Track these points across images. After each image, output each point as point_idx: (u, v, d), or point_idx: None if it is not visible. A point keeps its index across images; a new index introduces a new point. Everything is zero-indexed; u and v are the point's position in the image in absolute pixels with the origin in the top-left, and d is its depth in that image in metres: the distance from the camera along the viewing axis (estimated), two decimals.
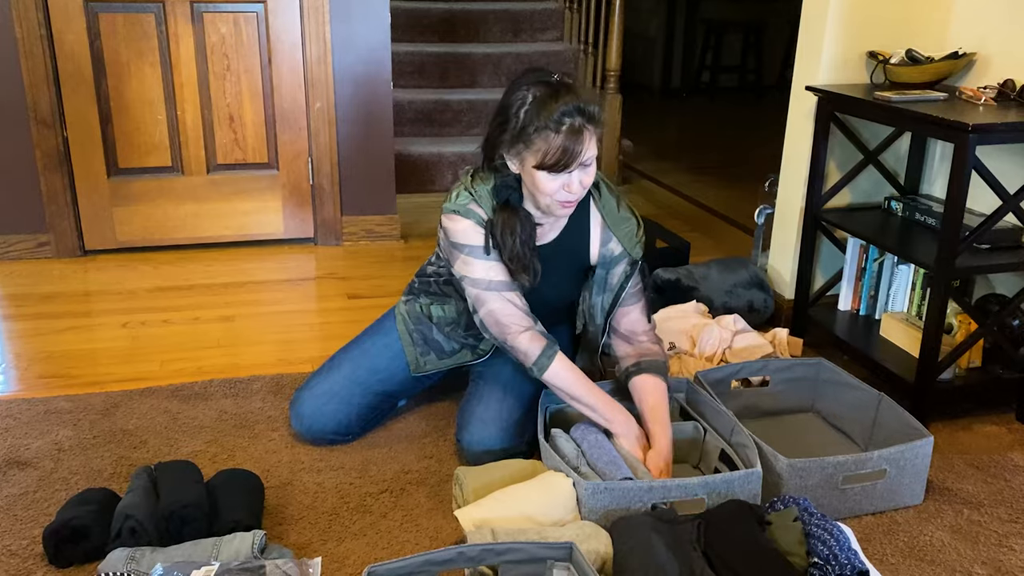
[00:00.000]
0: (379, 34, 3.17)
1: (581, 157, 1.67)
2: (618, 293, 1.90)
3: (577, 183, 1.70)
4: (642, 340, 1.94)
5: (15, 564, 1.59)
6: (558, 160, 1.65)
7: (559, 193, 1.70)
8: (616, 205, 1.88)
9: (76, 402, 2.16)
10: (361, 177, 3.32)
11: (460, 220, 1.80)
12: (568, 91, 1.66)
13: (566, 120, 1.63)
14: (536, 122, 1.64)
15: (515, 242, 1.78)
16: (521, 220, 1.79)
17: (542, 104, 1.65)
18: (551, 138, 1.64)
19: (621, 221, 1.87)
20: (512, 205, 1.79)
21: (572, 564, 1.44)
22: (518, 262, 1.80)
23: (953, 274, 2.03)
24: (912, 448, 1.79)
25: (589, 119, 1.66)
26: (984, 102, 2.17)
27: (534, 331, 1.82)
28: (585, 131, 1.66)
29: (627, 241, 1.87)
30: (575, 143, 1.64)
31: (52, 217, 3.09)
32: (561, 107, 1.64)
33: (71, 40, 2.95)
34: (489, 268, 1.81)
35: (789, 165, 2.67)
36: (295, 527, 1.72)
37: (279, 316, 2.73)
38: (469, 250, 1.81)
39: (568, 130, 1.63)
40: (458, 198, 1.80)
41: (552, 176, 1.68)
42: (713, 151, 5.31)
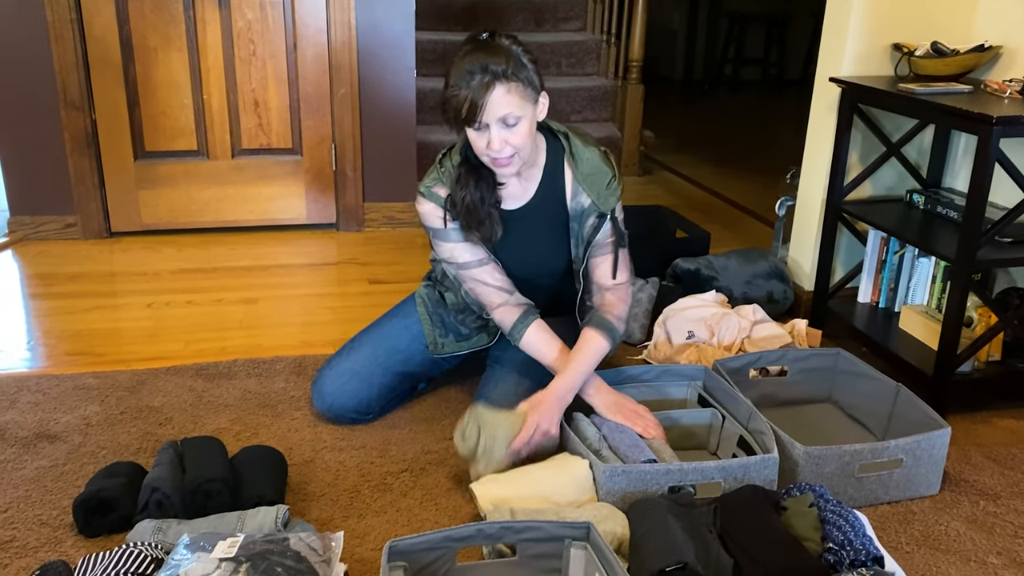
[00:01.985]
0: (403, 21, 3.19)
1: (489, 112, 1.67)
2: (587, 245, 1.91)
3: (498, 140, 1.71)
4: (605, 295, 1.93)
5: (46, 533, 1.63)
6: (467, 114, 1.67)
7: (486, 150, 1.73)
8: (586, 158, 1.87)
9: (103, 379, 2.20)
10: (383, 164, 3.35)
11: (424, 202, 1.87)
12: (484, 48, 1.68)
13: (472, 76, 1.66)
14: (452, 77, 1.68)
15: (468, 195, 1.82)
16: (480, 176, 1.83)
17: (456, 61, 1.69)
18: (460, 93, 1.67)
19: (590, 173, 1.87)
20: (471, 161, 1.82)
21: (589, 543, 1.46)
22: (471, 216, 1.83)
23: (974, 267, 2.03)
24: (929, 438, 1.80)
25: (496, 76, 1.66)
26: (1009, 95, 2.16)
27: (508, 305, 1.88)
28: (494, 87, 1.66)
29: (595, 193, 1.87)
30: (481, 97, 1.66)
31: (80, 199, 3.14)
32: (467, 64, 1.67)
33: (100, 25, 2.99)
34: (454, 248, 1.87)
35: (811, 157, 2.67)
36: (317, 503, 1.75)
37: (301, 299, 2.77)
38: (434, 232, 1.88)
39: (477, 84, 1.65)
40: (427, 179, 1.87)
41: (476, 133, 1.72)
42: (734, 144, 5.30)
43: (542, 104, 1.77)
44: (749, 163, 4.75)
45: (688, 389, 2.07)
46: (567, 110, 4.35)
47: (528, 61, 1.72)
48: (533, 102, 1.74)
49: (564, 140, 1.89)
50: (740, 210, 3.85)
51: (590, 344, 1.87)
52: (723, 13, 7.32)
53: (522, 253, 1.93)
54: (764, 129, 5.74)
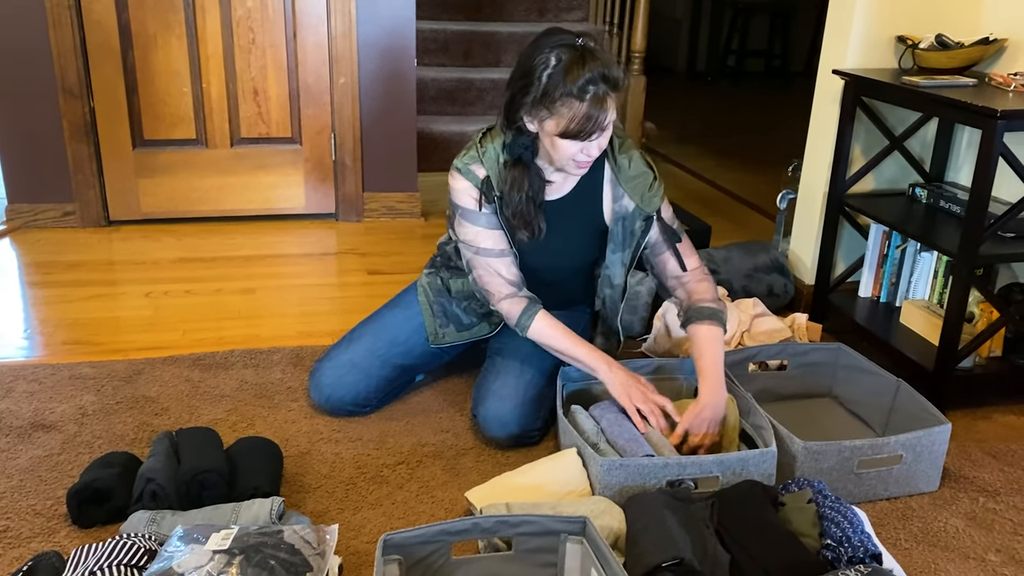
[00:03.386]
0: (404, 10, 3.16)
1: (603, 124, 1.67)
2: (636, 248, 1.90)
3: (596, 146, 1.71)
4: (686, 282, 1.93)
5: (40, 523, 1.63)
6: (582, 128, 1.65)
7: (578, 156, 1.71)
8: (628, 161, 1.86)
9: (100, 368, 2.19)
10: (383, 154, 3.33)
11: (460, 179, 1.84)
12: (592, 57, 1.64)
13: (590, 88, 1.62)
14: (561, 88, 1.63)
15: (521, 198, 1.80)
16: (531, 177, 1.81)
17: (567, 70, 1.63)
18: (575, 106, 1.63)
19: (633, 176, 1.86)
20: (524, 162, 1.80)
21: (585, 538, 1.45)
22: (520, 217, 1.82)
23: (976, 262, 2.02)
24: (929, 434, 1.78)
25: (613, 86, 1.65)
26: (1014, 89, 2.14)
27: (516, 296, 1.86)
28: (608, 98, 1.65)
29: (639, 196, 1.85)
30: (599, 111, 1.64)
31: (78, 187, 3.13)
32: (586, 74, 1.62)
33: (99, 11, 2.97)
34: (478, 233, 1.84)
35: (813, 149, 2.65)
36: (313, 495, 1.74)
37: (300, 289, 2.75)
38: (462, 211, 1.85)
39: (592, 98, 1.63)
40: (464, 156, 1.84)
41: (572, 141, 1.69)
42: (737, 136, 5.27)
43: None
44: (751, 155, 4.73)
45: (685, 383, 2.06)
46: None
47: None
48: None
49: (609, 147, 1.86)
50: (741, 203, 3.84)
51: (707, 337, 1.85)
52: (727, 4, 7.27)
53: (547, 244, 1.90)
54: (767, 121, 5.71)
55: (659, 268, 1.94)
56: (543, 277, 1.96)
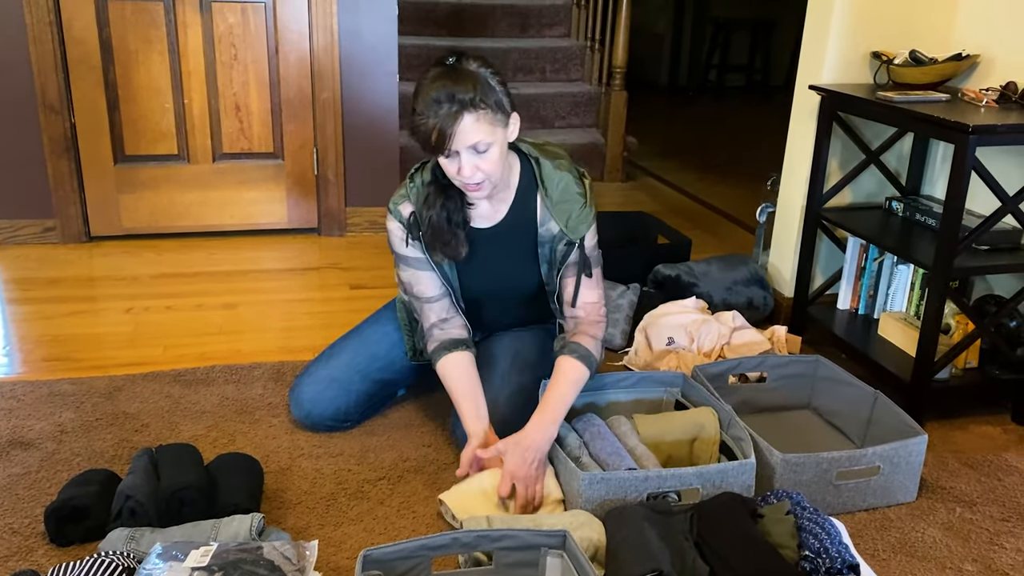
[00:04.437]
0: (386, 26, 3.18)
1: (458, 141, 1.65)
2: (558, 270, 1.89)
3: (468, 167, 1.68)
4: (578, 317, 1.89)
5: (17, 542, 1.62)
6: (436, 143, 1.65)
7: (457, 176, 1.72)
8: (556, 181, 1.85)
9: (79, 385, 2.18)
10: (366, 168, 3.34)
11: (391, 220, 1.87)
12: (449, 76, 1.65)
13: (440, 106, 1.63)
14: (418, 105, 1.66)
15: (435, 215, 1.81)
16: (448, 195, 1.82)
17: (421, 88, 1.66)
18: (428, 122, 1.64)
19: (560, 200, 1.84)
20: (440, 180, 1.82)
21: (565, 551, 1.45)
22: (437, 236, 1.83)
23: (951, 274, 2.04)
24: (906, 446, 1.80)
25: (463, 105, 1.63)
26: (986, 104, 2.18)
27: (437, 338, 1.89)
28: (459, 116, 1.63)
29: (564, 221, 1.84)
30: (448, 126, 1.63)
31: (58, 203, 3.11)
32: (434, 92, 1.63)
33: (80, 27, 2.97)
34: (412, 276, 1.90)
35: (791, 164, 2.68)
36: (293, 511, 1.74)
37: (282, 304, 2.75)
38: (396, 255, 1.91)
39: (445, 115, 1.63)
40: (395, 195, 1.87)
41: (445, 160, 1.70)
42: (718, 150, 5.32)
43: (513, 126, 1.75)
44: (732, 169, 4.77)
45: (666, 395, 2.07)
46: (551, 116, 4.35)
47: (497, 83, 1.69)
48: (503, 125, 1.71)
49: (535, 165, 1.86)
50: (722, 216, 3.87)
51: (567, 375, 1.81)
52: (708, 19, 7.35)
53: (489, 273, 1.91)
54: (748, 135, 5.76)
55: (559, 290, 1.90)
56: (493, 303, 1.98)
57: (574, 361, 1.82)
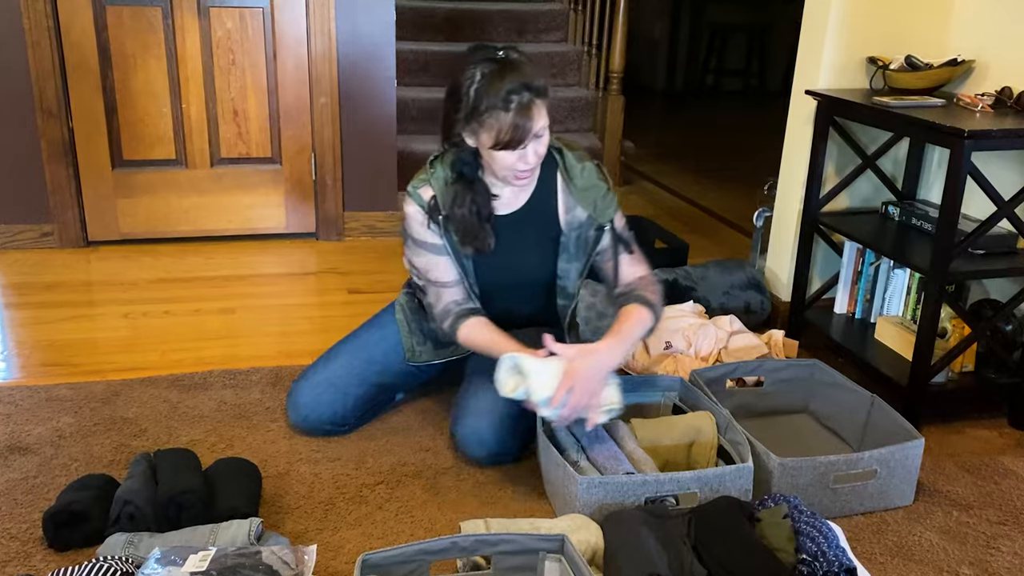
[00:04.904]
0: (384, 31, 3.19)
1: (533, 131, 1.69)
2: (588, 257, 1.92)
3: (532, 154, 1.73)
4: (631, 284, 1.90)
5: (15, 547, 1.62)
6: (511, 138, 1.68)
7: (516, 165, 1.74)
8: (580, 171, 1.88)
9: (77, 390, 2.18)
10: (364, 173, 3.34)
11: (410, 203, 1.87)
12: (513, 68, 1.69)
13: (514, 98, 1.66)
14: (486, 101, 1.67)
15: (465, 212, 1.83)
16: (475, 191, 1.83)
17: (490, 83, 1.67)
18: (502, 116, 1.66)
19: (585, 187, 1.88)
20: (467, 176, 1.83)
21: (564, 555, 1.46)
22: (467, 232, 1.85)
23: (947, 279, 2.05)
24: (903, 449, 1.81)
25: (536, 93, 1.68)
26: (981, 109, 2.19)
27: (452, 312, 1.88)
28: (534, 105, 1.68)
29: (590, 206, 1.87)
30: (525, 119, 1.67)
31: (56, 207, 3.12)
32: (508, 85, 1.66)
33: (78, 32, 2.97)
34: (428, 262, 1.89)
35: (788, 168, 2.69)
36: (291, 516, 1.74)
37: (279, 309, 2.75)
38: (412, 240, 1.90)
39: (517, 107, 1.66)
40: (415, 180, 1.87)
41: (507, 152, 1.72)
42: (714, 154, 5.33)
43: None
44: (729, 174, 4.78)
45: (663, 400, 2.08)
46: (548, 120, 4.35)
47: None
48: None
49: (557, 155, 1.89)
50: (719, 220, 3.87)
51: (633, 314, 1.81)
52: (705, 24, 7.37)
53: (506, 260, 1.92)
54: (745, 140, 5.78)
55: (606, 274, 1.94)
56: (504, 296, 1.98)
57: (640, 307, 1.82)
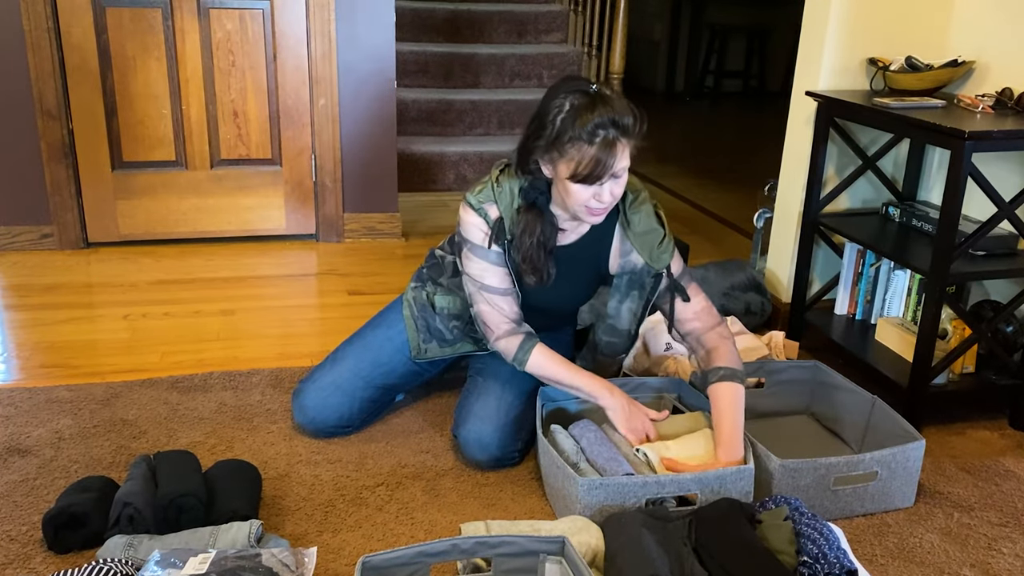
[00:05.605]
0: (384, 32, 3.19)
1: (613, 169, 1.66)
2: (647, 301, 1.90)
3: (608, 193, 1.69)
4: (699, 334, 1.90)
5: (15, 549, 1.61)
6: (591, 171, 1.65)
7: (590, 202, 1.70)
8: (639, 216, 1.85)
9: (77, 392, 2.18)
10: (364, 175, 3.34)
11: (472, 215, 1.83)
12: (604, 102, 1.65)
13: (600, 132, 1.62)
14: (571, 132, 1.63)
15: (532, 243, 1.80)
16: (544, 223, 1.81)
17: (578, 114, 1.63)
18: (584, 149, 1.63)
19: (642, 232, 1.85)
20: (538, 207, 1.80)
21: (564, 558, 1.45)
22: (530, 263, 1.82)
23: (948, 280, 2.05)
24: (904, 451, 1.81)
25: (623, 131, 1.64)
26: (981, 110, 2.18)
27: (513, 334, 1.85)
28: (618, 143, 1.64)
29: (648, 253, 1.85)
30: (608, 155, 1.63)
31: (56, 209, 3.11)
32: (596, 119, 1.62)
33: (78, 33, 2.97)
34: (484, 269, 1.83)
35: (788, 170, 2.69)
36: (292, 518, 1.74)
37: (280, 311, 2.75)
38: (471, 246, 1.84)
39: (602, 142, 1.63)
40: (479, 193, 1.83)
41: (583, 186, 1.68)
42: (715, 155, 5.33)
43: None
44: (729, 175, 4.78)
45: (663, 401, 2.07)
46: None
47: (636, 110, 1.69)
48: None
49: (620, 201, 1.84)
50: (719, 222, 3.87)
51: (727, 398, 1.80)
52: (705, 25, 7.37)
53: (553, 288, 1.90)
54: (745, 141, 5.78)
55: (668, 314, 1.92)
56: (540, 311, 1.98)
57: (724, 385, 1.81)
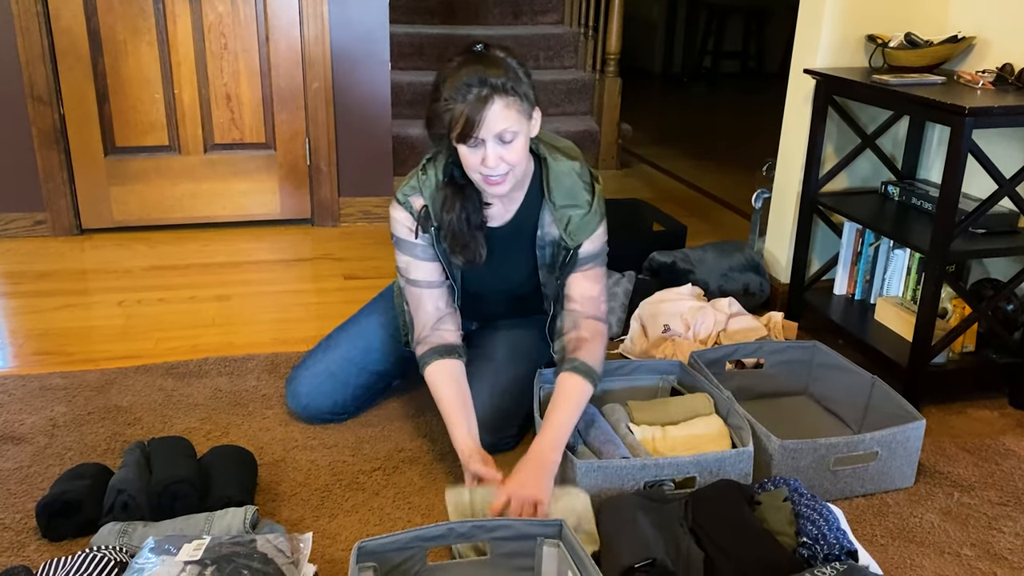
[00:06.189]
0: (377, 14, 3.15)
1: (486, 128, 1.61)
2: (558, 275, 1.84)
3: (493, 157, 1.64)
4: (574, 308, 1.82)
5: (8, 537, 1.60)
6: (462, 130, 1.61)
7: (480, 168, 1.66)
8: (562, 190, 1.79)
9: (71, 379, 2.16)
10: (358, 158, 3.32)
11: (399, 210, 1.81)
12: (479, 60, 1.62)
13: (470, 89, 1.59)
14: (444, 92, 1.62)
15: (454, 218, 1.76)
16: (466, 196, 1.76)
17: (451, 74, 1.62)
18: (456, 107, 1.60)
19: (563, 205, 1.79)
20: (456, 181, 1.76)
21: (562, 541, 1.44)
22: (456, 240, 1.77)
23: (948, 258, 2.03)
24: (904, 431, 1.79)
25: (495, 89, 1.60)
26: (982, 86, 2.16)
27: (423, 343, 1.81)
28: (490, 101, 1.60)
29: (564, 226, 1.79)
30: (477, 112, 1.59)
31: (49, 195, 3.09)
32: (465, 77, 1.60)
33: (67, 17, 2.94)
34: (408, 263, 1.82)
35: (787, 149, 2.67)
36: (287, 503, 1.73)
37: (275, 296, 2.73)
38: (396, 240, 1.83)
39: (474, 99, 1.59)
40: (405, 186, 1.80)
41: (469, 149, 1.65)
42: (713, 137, 5.30)
43: (536, 120, 1.71)
44: (727, 156, 4.75)
45: (661, 383, 2.06)
46: (545, 103, 4.31)
47: (523, 74, 1.66)
48: (528, 117, 1.67)
49: (543, 167, 1.81)
50: (717, 203, 3.85)
51: (571, 392, 1.73)
52: (702, 6, 7.30)
53: (492, 271, 1.87)
54: (743, 122, 5.74)
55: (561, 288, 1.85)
56: (490, 299, 1.95)
57: (576, 378, 1.75)
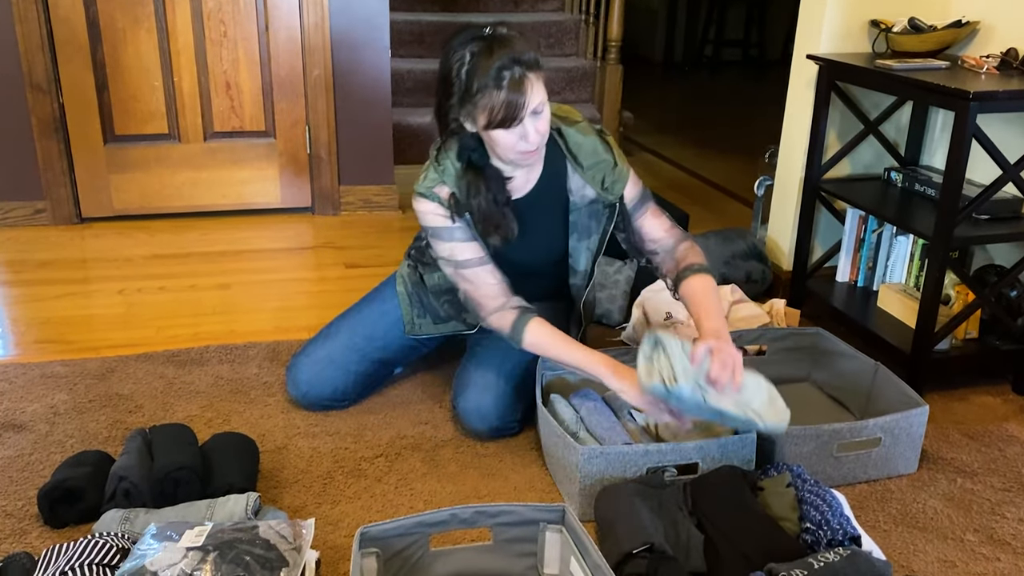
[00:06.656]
0: (377, 1, 3.13)
1: (528, 107, 1.63)
2: (603, 236, 1.88)
3: (533, 131, 1.66)
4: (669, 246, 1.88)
5: (10, 524, 1.60)
6: (506, 115, 1.62)
7: (519, 145, 1.67)
8: (584, 149, 1.82)
9: (72, 367, 2.16)
10: (359, 146, 3.30)
11: (425, 202, 1.79)
12: (502, 43, 1.62)
13: (505, 74, 1.60)
14: (477, 81, 1.61)
15: (482, 201, 1.76)
16: (487, 177, 1.77)
17: (479, 61, 1.61)
18: (494, 95, 1.60)
19: (590, 165, 1.82)
20: (476, 164, 1.77)
21: (565, 527, 1.44)
22: (489, 221, 1.78)
23: (951, 244, 2.02)
24: (907, 417, 1.79)
25: (527, 67, 1.61)
26: (986, 71, 2.14)
27: (504, 309, 1.79)
28: (526, 80, 1.61)
29: (599, 184, 1.83)
30: (518, 95, 1.61)
31: (48, 184, 3.08)
32: (497, 62, 1.60)
33: (66, 6, 2.92)
34: (453, 247, 1.80)
35: (789, 135, 2.65)
36: (290, 490, 1.72)
37: (276, 284, 2.73)
38: (433, 231, 1.81)
39: (510, 83, 1.60)
40: (425, 179, 1.79)
41: (506, 132, 1.66)
42: (715, 125, 5.28)
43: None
44: (729, 144, 4.73)
45: None
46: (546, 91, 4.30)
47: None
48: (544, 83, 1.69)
49: (559, 136, 1.82)
50: (719, 190, 3.84)
51: (707, 288, 1.78)
52: None
53: (523, 242, 1.86)
54: (745, 110, 5.72)
55: (635, 237, 1.90)
56: (522, 271, 1.94)
57: (701, 276, 1.79)
